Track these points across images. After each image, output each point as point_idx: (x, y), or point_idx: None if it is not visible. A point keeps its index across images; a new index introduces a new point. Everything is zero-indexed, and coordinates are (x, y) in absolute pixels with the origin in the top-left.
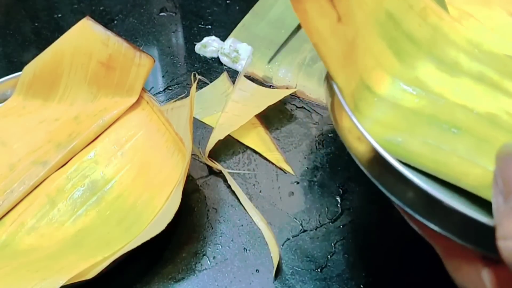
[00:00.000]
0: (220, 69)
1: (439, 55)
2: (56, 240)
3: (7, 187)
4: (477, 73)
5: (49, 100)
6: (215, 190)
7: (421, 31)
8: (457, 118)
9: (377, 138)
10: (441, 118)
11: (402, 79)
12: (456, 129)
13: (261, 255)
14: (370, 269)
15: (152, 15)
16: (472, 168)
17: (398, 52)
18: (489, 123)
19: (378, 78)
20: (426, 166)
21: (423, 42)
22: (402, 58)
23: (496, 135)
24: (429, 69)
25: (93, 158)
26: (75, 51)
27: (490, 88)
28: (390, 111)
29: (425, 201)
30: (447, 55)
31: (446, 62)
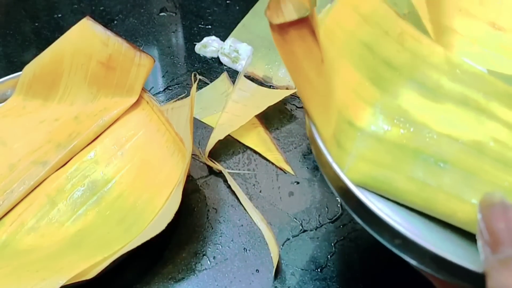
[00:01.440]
0: (220, 69)
1: (421, 80)
2: (56, 240)
3: (7, 187)
4: (461, 96)
5: (49, 100)
6: (215, 190)
7: (400, 57)
8: (443, 151)
9: (362, 176)
10: (427, 151)
11: (384, 109)
12: (442, 162)
13: (261, 255)
14: (370, 269)
15: (152, 15)
16: (460, 204)
17: (378, 81)
18: (476, 152)
19: (359, 110)
20: (413, 203)
21: (403, 68)
22: (383, 86)
23: (484, 166)
24: (412, 95)
25: (93, 158)
26: (75, 51)
27: (475, 113)
28: (374, 145)
29: (413, 248)
30: (429, 79)
31: (429, 86)
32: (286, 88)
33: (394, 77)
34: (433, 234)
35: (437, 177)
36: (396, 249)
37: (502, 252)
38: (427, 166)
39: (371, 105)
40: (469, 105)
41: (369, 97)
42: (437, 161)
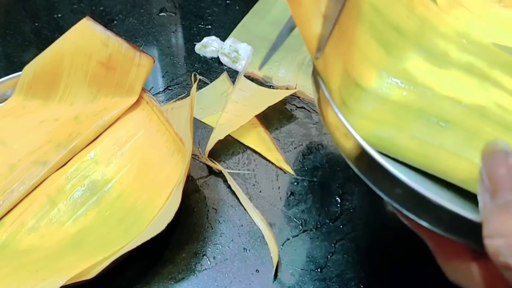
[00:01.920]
0: (220, 69)
1: (428, 46)
2: (56, 240)
3: (7, 187)
4: (466, 64)
5: (49, 100)
6: (215, 190)
7: (409, 22)
8: (446, 111)
9: (365, 134)
10: (430, 111)
11: (390, 72)
12: (444, 122)
13: (261, 255)
14: (370, 269)
15: (152, 15)
16: (460, 162)
17: (385, 44)
18: (478, 115)
19: (365, 71)
20: (414, 161)
21: (411, 33)
22: (390, 50)
23: (485, 128)
24: (418, 61)
25: (93, 158)
26: (75, 51)
27: (479, 79)
28: (378, 105)
29: (412, 197)
30: (436, 46)
31: (435, 53)
32: (286, 88)
33: (402, 42)
34: (433, 189)
35: (439, 136)
36: (395, 201)
37: (501, 198)
38: (429, 126)
39: (377, 66)
40: (473, 72)
41: (375, 59)
42: (439, 121)
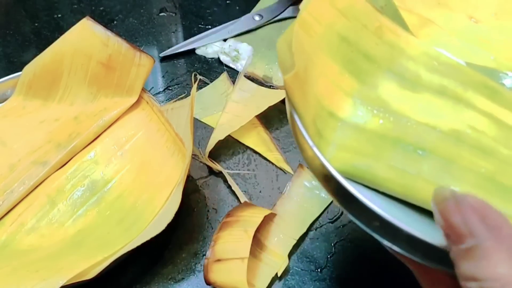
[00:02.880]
0: (220, 69)
1: (399, 71)
2: (56, 240)
3: (7, 187)
4: (438, 86)
5: (49, 100)
6: (215, 190)
7: (378, 49)
8: (422, 139)
9: (342, 165)
10: (406, 139)
11: (364, 100)
12: (421, 150)
13: None
14: (370, 269)
15: (152, 15)
16: None
17: (356, 73)
18: (454, 140)
19: (338, 101)
20: (393, 191)
21: (381, 60)
22: (361, 78)
23: (462, 153)
24: (390, 86)
25: (93, 158)
26: (75, 51)
27: (452, 102)
28: (354, 135)
29: (388, 229)
30: (407, 70)
31: (407, 77)
32: None
33: (373, 69)
34: (411, 219)
35: (416, 164)
36: (374, 232)
37: (465, 243)
38: (406, 154)
39: (350, 95)
40: (446, 95)
41: (348, 88)
42: (416, 149)
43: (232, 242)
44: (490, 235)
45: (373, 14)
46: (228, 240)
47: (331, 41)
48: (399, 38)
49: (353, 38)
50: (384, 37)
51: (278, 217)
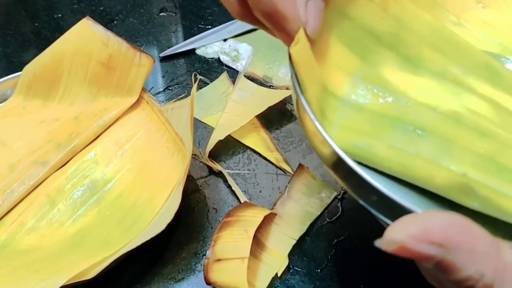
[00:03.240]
0: (220, 69)
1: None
2: (56, 240)
3: (7, 187)
4: (439, 68)
5: (49, 100)
6: (215, 190)
7: (384, 24)
8: (421, 119)
9: (343, 143)
10: (405, 119)
11: (365, 78)
12: (420, 130)
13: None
14: (370, 269)
15: (152, 15)
16: (437, 170)
17: (358, 51)
18: (453, 122)
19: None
20: (392, 170)
21: (385, 36)
22: (364, 56)
23: (460, 134)
24: (392, 66)
25: (93, 158)
26: (75, 51)
27: (452, 85)
28: (355, 114)
29: (386, 204)
30: (410, 50)
31: (409, 57)
32: (286, 88)
33: (376, 46)
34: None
35: (416, 144)
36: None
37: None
38: (405, 134)
39: (351, 74)
40: (447, 78)
41: (349, 67)
42: (415, 128)
43: (232, 242)
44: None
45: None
46: (228, 240)
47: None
48: (406, 10)
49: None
50: (389, 10)
51: (278, 217)
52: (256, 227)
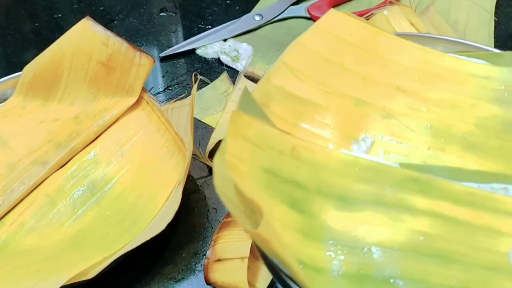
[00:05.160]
0: (220, 69)
1: (330, 191)
2: (56, 240)
3: (7, 187)
4: (372, 196)
5: (49, 100)
6: (215, 190)
7: (301, 173)
8: (385, 265)
9: None
10: (371, 272)
11: (314, 238)
12: (391, 278)
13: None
14: None
15: (152, 15)
16: None
17: (293, 204)
18: (413, 254)
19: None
20: None
21: (308, 182)
22: (300, 209)
23: (427, 268)
24: (329, 210)
25: (93, 158)
26: (75, 51)
27: (393, 210)
28: (346, 287)
29: None
30: (336, 188)
31: (340, 196)
32: None
33: (304, 196)
34: None
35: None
36: None
37: None
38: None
39: (301, 233)
40: (384, 204)
41: (294, 224)
42: (385, 278)
43: (233, 242)
44: None
45: (282, 137)
46: (228, 240)
47: (259, 177)
48: (315, 153)
49: (275, 168)
50: (301, 157)
51: None
52: None
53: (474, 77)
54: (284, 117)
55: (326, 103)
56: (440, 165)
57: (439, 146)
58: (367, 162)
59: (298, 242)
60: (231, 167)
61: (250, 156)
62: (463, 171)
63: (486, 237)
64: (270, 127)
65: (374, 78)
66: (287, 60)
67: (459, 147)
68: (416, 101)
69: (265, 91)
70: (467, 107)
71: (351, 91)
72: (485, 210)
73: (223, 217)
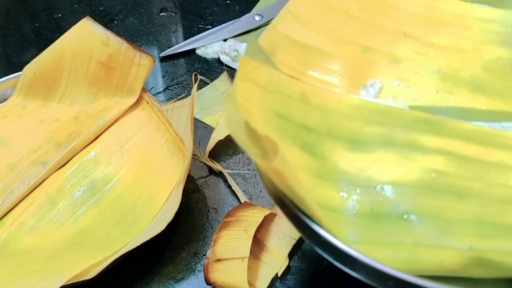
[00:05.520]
0: (220, 69)
1: (340, 134)
2: (56, 240)
3: (7, 187)
4: (383, 138)
5: (49, 100)
6: (215, 190)
7: (311, 117)
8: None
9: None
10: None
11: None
12: (405, 214)
13: None
14: None
15: (152, 15)
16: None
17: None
18: (428, 191)
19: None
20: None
21: (318, 126)
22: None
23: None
24: (340, 152)
25: (93, 158)
26: (75, 51)
27: (405, 150)
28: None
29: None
30: (347, 131)
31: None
32: None
33: (315, 138)
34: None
35: (408, 232)
36: None
37: None
38: (393, 224)
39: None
40: (395, 145)
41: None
42: (400, 214)
43: (232, 242)
44: None
45: (290, 82)
46: (228, 240)
47: (270, 120)
48: (324, 98)
49: (285, 112)
50: (311, 102)
51: (278, 217)
52: (256, 227)
53: (479, 21)
54: (291, 64)
55: (333, 50)
56: (449, 106)
57: (448, 89)
58: (376, 105)
59: (312, 183)
60: (242, 109)
61: (260, 99)
62: (472, 111)
63: (500, 173)
64: (278, 73)
65: (380, 25)
66: (293, 8)
67: (467, 89)
68: (423, 46)
69: (271, 39)
70: (474, 51)
71: (358, 38)
72: (497, 147)
73: (223, 217)
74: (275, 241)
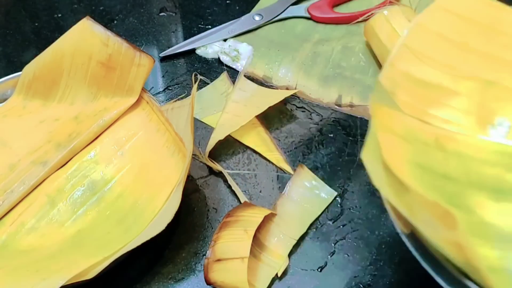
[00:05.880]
0: (220, 69)
1: (483, 183)
2: (56, 240)
3: (7, 187)
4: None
5: (49, 100)
6: (215, 190)
7: (449, 164)
8: None
9: None
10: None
11: (477, 236)
12: None
13: None
14: (370, 269)
15: (152, 15)
16: None
17: (448, 199)
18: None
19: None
20: None
21: (459, 175)
22: (457, 205)
23: None
24: (486, 204)
25: (93, 158)
26: (75, 51)
27: None
28: None
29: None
30: (488, 177)
31: (492, 187)
32: (286, 88)
33: (457, 188)
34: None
35: None
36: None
37: None
38: None
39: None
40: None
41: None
42: None
43: (232, 242)
44: None
45: (423, 127)
46: (228, 240)
47: (414, 173)
48: (460, 144)
49: (425, 162)
50: (447, 149)
51: (278, 217)
52: (256, 227)
53: None
54: (413, 104)
55: (455, 87)
56: None
57: None
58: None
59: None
60: (392, 166)
61: (402, 152)
62: None
63: None
64: (410, 118)
65: (502, 57)
66: (410, 43)
67: None
68: None
69: (391, 78)
70: None
71: (480, 72)
72: None
73: (223, 217)
74: (275, 241)
